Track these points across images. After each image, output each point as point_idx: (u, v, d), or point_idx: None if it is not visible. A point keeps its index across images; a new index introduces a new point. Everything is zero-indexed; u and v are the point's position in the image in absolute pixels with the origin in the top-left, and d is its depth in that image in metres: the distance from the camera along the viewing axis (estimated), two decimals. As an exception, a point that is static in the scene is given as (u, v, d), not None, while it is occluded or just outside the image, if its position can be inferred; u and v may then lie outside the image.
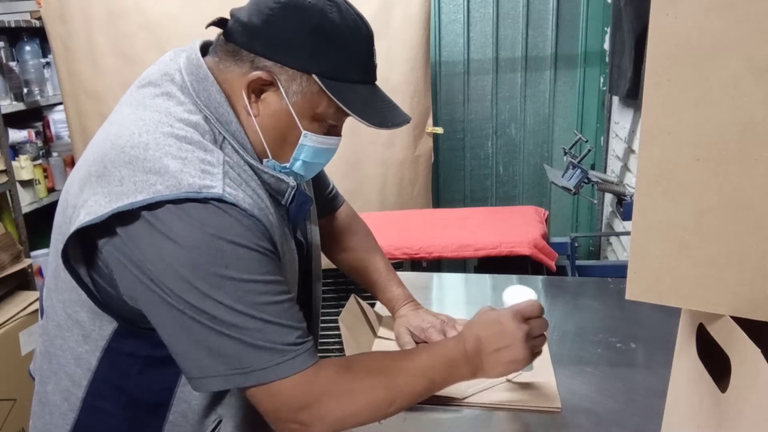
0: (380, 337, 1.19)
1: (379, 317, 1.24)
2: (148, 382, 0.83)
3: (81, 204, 0.75)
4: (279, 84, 0.80)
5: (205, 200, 0.72)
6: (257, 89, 0.81)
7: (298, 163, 0.86)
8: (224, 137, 0.80)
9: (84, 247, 0.77)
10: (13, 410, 1.89)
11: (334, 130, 0.88)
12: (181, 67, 0.82)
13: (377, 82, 0.88)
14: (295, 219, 0.90)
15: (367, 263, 1.20)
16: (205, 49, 0.87)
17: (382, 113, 0.85)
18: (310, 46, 0.79)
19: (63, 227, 0.79)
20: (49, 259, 0.88)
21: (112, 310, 0.80)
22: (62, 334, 0.83)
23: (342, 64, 0.81)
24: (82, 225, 0.72)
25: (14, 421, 1.90)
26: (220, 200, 0.73)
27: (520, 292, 1.01)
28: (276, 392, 0.75)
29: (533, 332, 0.89)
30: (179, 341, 0.75)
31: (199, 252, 0.71)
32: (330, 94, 0.80)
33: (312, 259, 1.03)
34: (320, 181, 1.17)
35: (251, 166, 0.81)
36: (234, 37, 0.81)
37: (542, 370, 1.04)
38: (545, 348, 1.11)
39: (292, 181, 0.85)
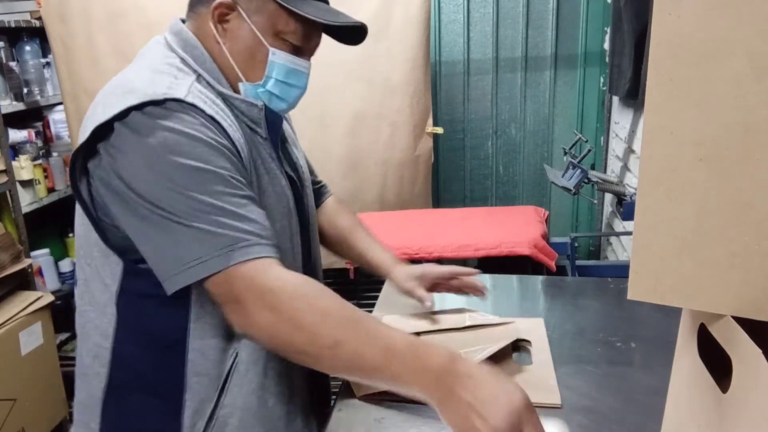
0: None
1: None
2: (162, 320, 0.88)
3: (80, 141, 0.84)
4: (239, 7, 0.90)
5: (163, 101, 0.80)
6: (222, 19, 0.90)
7: (272, 81, 0.93)
8: (199, 74, 0.89)
9: (87, 184, 0.86)
10: (13, 410, 1.89)
11: (302, 54, 0.96)
12: (164, 34, 0.95)
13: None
14: (273, 141, 0.95)
15: (354, 233, 1.25)
16: None
17: (325, 12, 0.92)
18: None
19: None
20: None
21: (114, 245, 0.87)
22: (88, 288, 0.91)
23: None
24: (76, 148, 0.83)
25: (14, 421, 1.89)
26: (178, 101, 0.81)
27: None
28: (243, 274, 0.77)
29: None
30: (150, 245, 0.81)
31: (157, 145, 0.78)
32: (280, 2, 0.88)
33: (304, 195, 1.06)
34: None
35: (225, 97, 0.90)
36: None
37: (542, 367, 1.05)
38: (545, 344, 1.12)
39: (259, 102, 0.92)
